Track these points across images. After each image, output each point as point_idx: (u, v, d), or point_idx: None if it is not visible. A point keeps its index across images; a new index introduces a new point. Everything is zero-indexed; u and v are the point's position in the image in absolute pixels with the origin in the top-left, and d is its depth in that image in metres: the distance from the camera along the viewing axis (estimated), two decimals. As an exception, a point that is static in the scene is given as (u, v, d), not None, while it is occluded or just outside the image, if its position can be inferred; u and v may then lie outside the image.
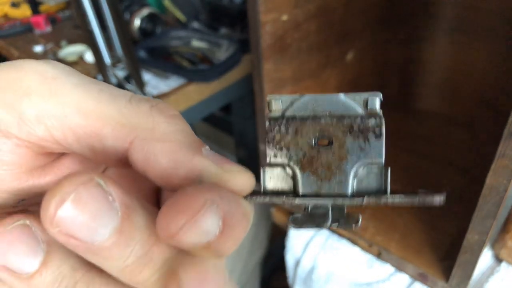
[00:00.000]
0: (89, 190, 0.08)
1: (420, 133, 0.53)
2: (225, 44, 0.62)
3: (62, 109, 0.09)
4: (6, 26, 0.79)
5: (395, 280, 0.39)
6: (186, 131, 0.10)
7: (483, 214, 0.29)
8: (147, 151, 0.09)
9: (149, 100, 0.10)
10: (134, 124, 0.09)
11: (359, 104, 0.10)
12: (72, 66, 0.58)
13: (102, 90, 0.09)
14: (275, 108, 0.10)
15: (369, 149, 0.10)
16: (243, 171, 0.10)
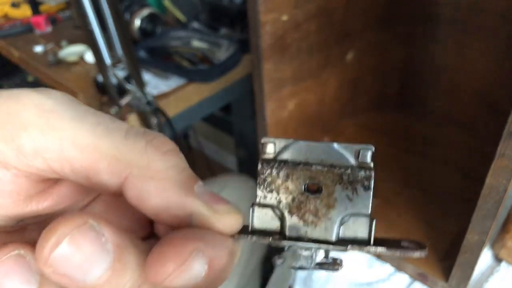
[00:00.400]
0: (83, 232, 0.08)
1: (420, 133, 0.53)
2: (225, 44, 0.62)
3: (59, 143, 0.09)
4: (6, 26, 0.79)
5: (395, 280, 0.39)
6: (180, 168, 0.10)
7: (483, 214, 0.29)
8: (140, 188, 0.09)
9: (145, 135, 0.10)
10: (129, 161, 0.09)
11: (351, 154, 0.10)
12: (72, 66, 0.58)
13: (99, 123, 0.09)
14: (268, 151, 0.10)
15: (357, 200, 0.10)
16: (232, 211, 0.10)
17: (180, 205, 0.09)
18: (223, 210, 0.10)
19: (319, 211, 0.10)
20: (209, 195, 0.10)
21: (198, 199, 0.09)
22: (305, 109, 0.47)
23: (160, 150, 0.10)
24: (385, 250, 0.10)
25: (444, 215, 0.42)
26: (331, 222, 0.10)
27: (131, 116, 0.53)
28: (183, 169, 0.10)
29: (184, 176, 0.10)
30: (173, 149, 0.10)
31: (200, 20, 0.71)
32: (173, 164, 0.10)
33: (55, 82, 0.64)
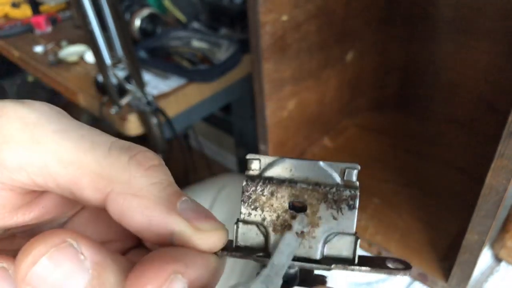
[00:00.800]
0: (61, 251, 0.08)
1: (419, 133, 0.53)
2: (225, 44, 0.62)
3: (42, 158, 0.09)
4: (7, 26, 0.79)
5: (394, 280, 0.39)
6: (163, 184, 0.09)
7: (483, 214, 0.29)
8: (122, 205, 0.09)
9: (129, 150, 0.10)
10: (111, 177, 0.09)
11: (337, 172, 0.10)
12: (72, 66, 0.58)
13: (83, 137, 0.09)
14: (253, 167, 0.10)
15: (342, 220, 0.10)
16: (215, 229, 0.10)
17: (162, 224, 0.09)
18: (206, 228, 0.09)
19: (304, 229, 0.10)
20: (192, 212, 0.09)
21: (180, 217, 0.09)
22: (305, 109, 0.47)
23: (143, 166, 0.09)
24: (369, 269, 0.10)
25: (444, 215, 0.42)
26: (315, 240, 0.10)
27: (131, 116, 0.53)
28: (167, 185, 0.10)
29: (167, 193, 0.09)
30: (157, 164, 0.10)
31: (200, 20, 0.71)
32: (156, 181, 0.09)
33: (55, 82, 0.64)
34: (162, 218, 0.09)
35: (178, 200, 0.09)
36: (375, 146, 0.52)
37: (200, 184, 0.59)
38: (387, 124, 0.55)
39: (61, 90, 0.64)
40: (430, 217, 0.42)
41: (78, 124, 0.10)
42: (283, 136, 0.45)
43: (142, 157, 0.10)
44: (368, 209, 0.43)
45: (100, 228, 0.10)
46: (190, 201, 0.10)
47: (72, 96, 0.61)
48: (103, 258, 0.09)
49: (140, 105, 0.51)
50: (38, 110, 0.09)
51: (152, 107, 0.51)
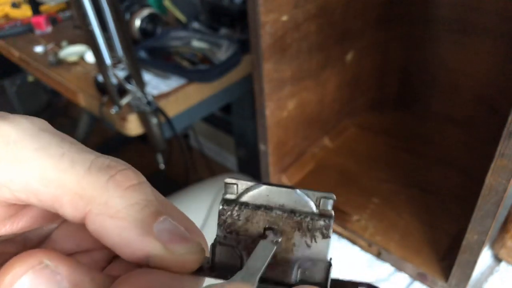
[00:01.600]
0: (38, 273, 0.08)
1: (419, 133, 0.53)
2: (225, 44, 0.62)
3: (24, 176, 0.09)
4: (7, 26, 0.79)
5: (395, 279, 0.39)
6: (141, 205, 0.10)
7: (483, 214, 0.29)
8: (99, 225, 0.09)
9: (109, 168, 0.10)
10: (90, 197, 0.09)
11: (313, 201, 0.10)
12: (72, 66, 0.58)
13: (63, 155, 0.09)
14: (230, 192, 0.10)
15: (315, 248, 0.10)
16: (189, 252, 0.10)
17: (137, 246, 0.09)
18: (180, 251, 0.10)
19: (278, 254, 0.10)
20: (168, 234, 0.10)
21: (155, 240, 0.09)
22: (305, 109, 0.47)
23: (122, 186, 0.09)
24: None
25: (444, 215, 0.42)
26: (289, 265, 0.10)
27: (131, 116, 0.53)
28: (144, 206, 0.10)
29: (144, 214, 0.09)
30: (137, 184, 0.10)
31: (200, 20, 0.71)
32: (134, 202, 0.09)
33: (55, 82, 0.64)
34: (138, 240, 0.09)
35: (155, 221, 0.10)
36: (375, 146, 0.52)
37: (200, 183, 0.59)
38: (386, 124, 0.55)
39: (61, 90, 0.64)
40: (430, 217, 0.42)
41: (60, 140, 0.10)
42: (283, 136, 0.45)
43: (121, 177, 0.10)
44: (367, 209, 0.43)
45: (86, 236, 0.10)
46: (167, 221, 0.10)
47: (72, 96, 0.61)
48: (81, 278, 0.09)
49: (140, 105, 0.51)
50: (19, 127, 0.09)
51: (152, 107, 0.51)
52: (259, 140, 0.44)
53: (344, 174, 0.48)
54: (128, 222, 0.09)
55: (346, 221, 0.42)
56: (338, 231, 0.43)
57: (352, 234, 0.42)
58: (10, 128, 0.09)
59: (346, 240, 0.43)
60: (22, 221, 0.10)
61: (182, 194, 0.57)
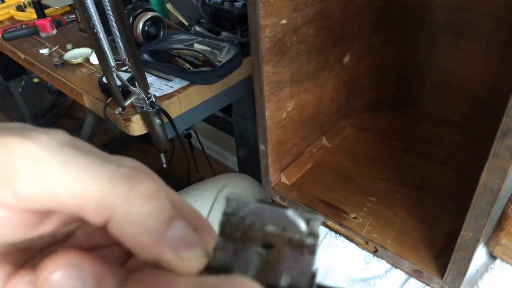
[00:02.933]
0: (66, 271, 0.10)
1: (415, 133, 0.54)
2: (226, 47, 0.63)
3: (51, 188, 0.10)
4: (12, 29, 0.81)
5: (391, 276, 0.40)
6: (157, 213, 0.11)
7: (477, 213, 0.30)
8: (119, 230, 0.11)
9: (130, 178, 0.11)
10: (112, 206, 0.10)
11: (303, 221, 0.11)
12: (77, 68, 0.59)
13: (85, 168, 0.11)
14: (230, 206, 0.12)
15: (302, 261, 0.11)
16: (196, 257, 0.11)
17: (150, 250, 0.11)
18: (188, 257, 0.11)
19: (269, 263, 0.11)
20: (179, 240, 0.11)
21: (166, 246, 0.11)
22: (304, 110, 0.48)
23: (141, 196, 0.11)
24: None
25: (439, 213, 0.42)
26: (279, 272, 0.11)
27: (135, 117, 0.54)
28: (159, 214, 0.11)
29: (158, 222, 0.11)
30: (154, 193, 0.11)
31: (202, 24, 0.72)
32: (150, 210, 0.11)
33: (61, 83, 0.65)
34: (151, 246, 0.11)
35: (168, 228, 0.11)
36: (372, 146, 0.53)
37: (201, 183, 0.60)
38: (383, 125, 0.56)
39: (66, 91, 0.65)
40: (426, 215, 0.43)
41: (80, 153, 0.11)
42: (282, 136, 0.46)
43: (141, 187, 0.11)
44: (364, 207, 0.44)
45: (107, 234, 0.11)
46: (179, 227, 0.11)
47: (77, 97, 0.63)
48: (103, 272, 0.11)
49: (144, 106, 0.52)
50: (41, 144, 0.11)
51: (155, 108, 0.52)
52: (259, 140, 0.45)
53: (342, 173, 0.49)
54: (143, 229, 0.11)
55: (343, 219, 0.43)
56: (335, 229, 0.44)
57: (349, 231, 0.42)
58: (34, 146, 0.10)
59: (343, 238, 0.43)
60: (51, 224, 0.12)
61: (184, 193, 0.58)
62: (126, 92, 0.52)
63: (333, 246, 0.43)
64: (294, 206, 0.47)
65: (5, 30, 0.80)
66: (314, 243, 0.11)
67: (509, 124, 0.24)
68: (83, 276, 0.10)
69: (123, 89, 0.52)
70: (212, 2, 0.71)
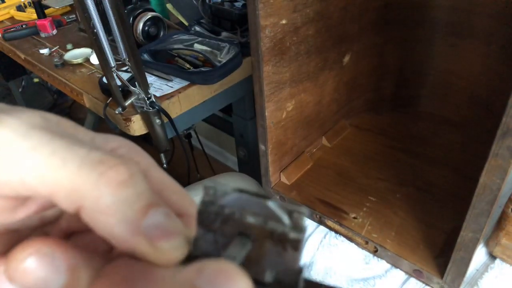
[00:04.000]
0: (38, 259, 0.10)
1: (415, 133, 0.54)
2: (226, 47, 0.63)
3: (21, 175, 0.10)
4: (12, 29, 0.81)
5: (391, 276, 0.40)
6: (130, 201, 0.10)
7: (477, 212, 0.30)
8: (91, 219, 0.10)
9: (101, 164, 0.10)
10: (81, 195, 0.10)
11: (286, 214, 0.10)
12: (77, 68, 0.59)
13: (54, 153, 0.10)
14: (210, 194, 0.11)
15: (287, 257, 0.10)
16: (174, 247, 0.10)
17: (125, 241, 0.10)
18: (166, 247, 0.10)
19: (251, 257, 0.11)
20: (156, 230, 0.10)
21: (142, 237, 0.10)
22: (304, 110, 0.48)
23: (113, 183, 0.10)
24: None
25: (439, 213, 0.43)
26: (262, 268, 0.11)
27: (135, 117, 0.55)
28: (134, 201, 0.10)
29: (133, 209, 0.10)
30: (127, 179, 0.10)
31: (202, 24, 0.72)
32: (123, 198, 0.10)
33: (61, 83, 0.65)
34: (124, 236, 0.10)
35: (144, 216, 0.10)
36: (372, 145, 0.53)
37: (201, 183, 0.60)
38: (383, 125, 0.56)
39: (66, 91, 0.65)
40: (425, 215, 0.43)
41: (50, 137, 0.10)
42: (282, 136, 0.46)
43: (113, 173, 0.10)
44: (364, 207, 0.44)
45: None
46: (157, 214, 0.10)
47: (77, 97, 0.63)
48: (77, 261, 0.10)
49: (144, 106, 0.52)
50: (9, 128, 0.10)
51: (155, 109, 0.52)
52: (259, 140, 0.45)
53: (341, 173, 0.49)
54: (115, 219, 0.10)
55: (343, 219, 0.43)
56: (335, 229, 0.44)
57: (349, 231, 0.42)
58: (4, 130, 0.10)
59: (343, 238, 0.43)
60: (32, 207, 0.11)
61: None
62: (126, 92, 0.52)
63: (333, 246, 0.43)
64: (294, 206, 0.47)
65: (5, 30, 0.80)
66: (298, 238, 0.10)
67: (509, 124, 0.24)
68: (55, 264, 0.10)
69: (123, 89, 0.52)
70: (212, 2, 0.71)
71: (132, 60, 0.47)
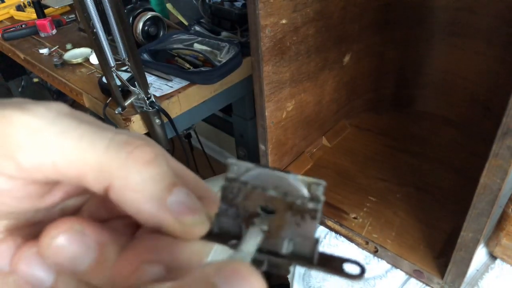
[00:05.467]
0: (70, 236, 0.10)
1: (415, 133, 0.54)
2: (226, 47, 0.63)
3: (51, 159, 0.10)
4: (12, 28, 0.80)
5: (391, 276, 0.40)
6: (156, 178, 0.11)
7: (477, 213, 0.30)
8: (120, 197, 0.11)
9: (127, 145, 0.11)
10: (111, 173, 0.10)
11: (305, 186, 0.11)
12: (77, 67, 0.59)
13: (82, 136, 0.10)
14: (232, 171, 0.12)
15: (304, 227, 0.11)
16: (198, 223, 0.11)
17: (152, 216, 0.11)
18: (189, 222, 0.11)
19: (271, 229, 0.11)
20: (180, 206, 0.11)
21: (167, 212, 0.11)
22: (304, 110, 0.48)
23: (139, 162, 0.10)
24: (325, 271, 0.11)
25: (439, 213, 0.42)
26: (281, 239, 0.11)
27: (135, 117, 0.54)
28: (159, 179, 0.11)
29: (159, 187, 0.11)
30: (153, 158, 0.11)
31: (202, 24, 0.72)
32: (150, 176, 0.10)
33: (61, 83, 0.65)
34: (152, 212, 0.11)
35: (169, 193, 0.11)
36: (372, 146, 0.53)
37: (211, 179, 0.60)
38: (383, 125, 0.56)
39: (66, 91, 0.65)
40: (426, 215, 0.43)
41: (78, 122, 0.11)
42: (282, 136, 0.46)
43: (138, 152, 0.10)
44: (364, 207, 0.44)
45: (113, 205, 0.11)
46: (181, 192, 0.11)
47: (76, 97, 0.63)
48: (105, 238, 0.11)
49: (143, 106, 0.52)
50: (38, 116, 0.11)
51: (155, 108, 0.52)
52: (259, 140, 0.45)
53: (342, 173, 0.49)
54: (144, 196, 0.10)
55: (343, 219, 0.43)
56: (335, 229, 0.44)
57: (350, 231, 0.42)
58: (30, 118, 0.10)
59: (344, 238, 0.43)
60: (57, 195, 0.12)
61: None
62: (126, 92, 0.52)
63: (333, 246, 0.43)
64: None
65: (5, 30, 0.79)
66: (316, 207, 0.11)
67: (509, 124, 0.24)
68: (85, 241, 0.10)
69: (123, 89, 0.52)
70: (212, 2, 0.71)
71: (131, 60, 0.47)
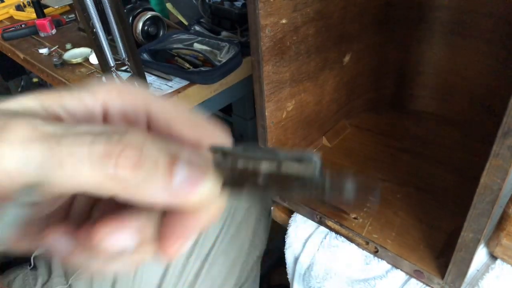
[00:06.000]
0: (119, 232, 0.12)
1: (415, 133, 0.54)
2: (226, 46, 0.63)
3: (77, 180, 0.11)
4: (11, 28, 0.80)
5: (391, 276, 0.40)
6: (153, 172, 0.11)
7: (478, 213, 0.30)
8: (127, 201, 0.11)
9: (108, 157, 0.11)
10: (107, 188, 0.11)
11: (297, 159, 0.11)
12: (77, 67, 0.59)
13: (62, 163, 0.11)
14: (217, 157, 0.12)
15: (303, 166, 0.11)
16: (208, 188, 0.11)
17: (168, 206, 0.11)
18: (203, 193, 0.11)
19: None
20: (187, 182, 0.11)
21: (177, 195, 0.11)
22: (304, 110, 0.48)
23: (128, 168, 0.10)
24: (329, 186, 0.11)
25: (440, 213, 0.42)
26: None
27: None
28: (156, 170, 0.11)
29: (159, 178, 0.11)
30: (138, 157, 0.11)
31: (202, 24, 0.72)
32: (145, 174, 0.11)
33: (60, 83, 0.65)
34: (164, 203, 0.11)
35: (172, 177, 0.11)
36: (372, 146, 0.53)
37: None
38: (383, 125, 0.56)
39: (65, 91, 0.65)
40: (426, 215, 0.42)
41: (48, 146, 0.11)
42: (282, 137, 0.46)
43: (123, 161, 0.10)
44: (364, 208, 0.44)
45: None
46: (181, 168, 0.11)
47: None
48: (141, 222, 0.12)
49: (143, 106, 0.52)
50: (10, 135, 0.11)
51: (155, 108, 0.52)
52: (259, 140, 0.45)
53: (342, 174, 0.49)
54: (150, 193, 0.11)
55: (343, 219, 0.43)
56: (335, 229, 0.44)
57: (350, 232, 0.42)
58: None
59: (344, 238, 0.43)
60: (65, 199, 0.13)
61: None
62: (126, 92, 0.52)
63: (334, 246, 0.43)
64: (295, 206, 0.47)
65: (4, 30, 0.79)
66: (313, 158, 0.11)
67: (510, 124, 0.24)
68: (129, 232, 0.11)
69: (123, 89, 0.52)
70: (212, 2, 0.71)
71: (131, 60, 0.47)
